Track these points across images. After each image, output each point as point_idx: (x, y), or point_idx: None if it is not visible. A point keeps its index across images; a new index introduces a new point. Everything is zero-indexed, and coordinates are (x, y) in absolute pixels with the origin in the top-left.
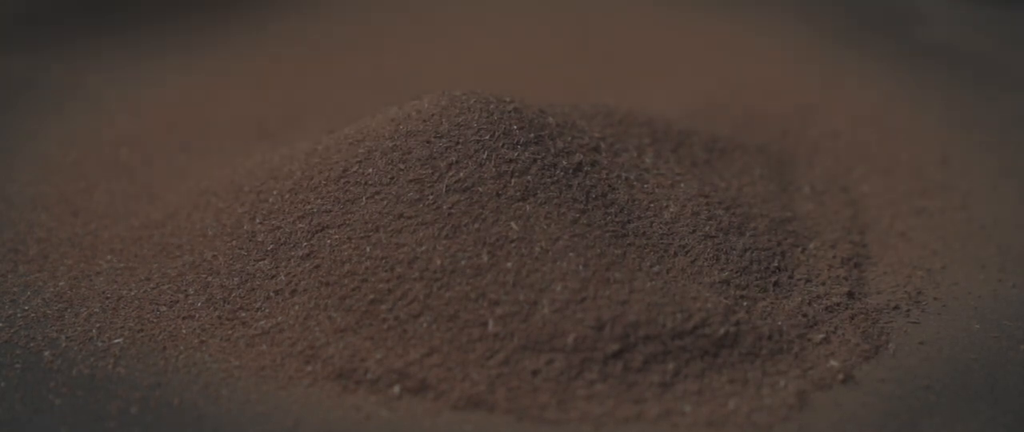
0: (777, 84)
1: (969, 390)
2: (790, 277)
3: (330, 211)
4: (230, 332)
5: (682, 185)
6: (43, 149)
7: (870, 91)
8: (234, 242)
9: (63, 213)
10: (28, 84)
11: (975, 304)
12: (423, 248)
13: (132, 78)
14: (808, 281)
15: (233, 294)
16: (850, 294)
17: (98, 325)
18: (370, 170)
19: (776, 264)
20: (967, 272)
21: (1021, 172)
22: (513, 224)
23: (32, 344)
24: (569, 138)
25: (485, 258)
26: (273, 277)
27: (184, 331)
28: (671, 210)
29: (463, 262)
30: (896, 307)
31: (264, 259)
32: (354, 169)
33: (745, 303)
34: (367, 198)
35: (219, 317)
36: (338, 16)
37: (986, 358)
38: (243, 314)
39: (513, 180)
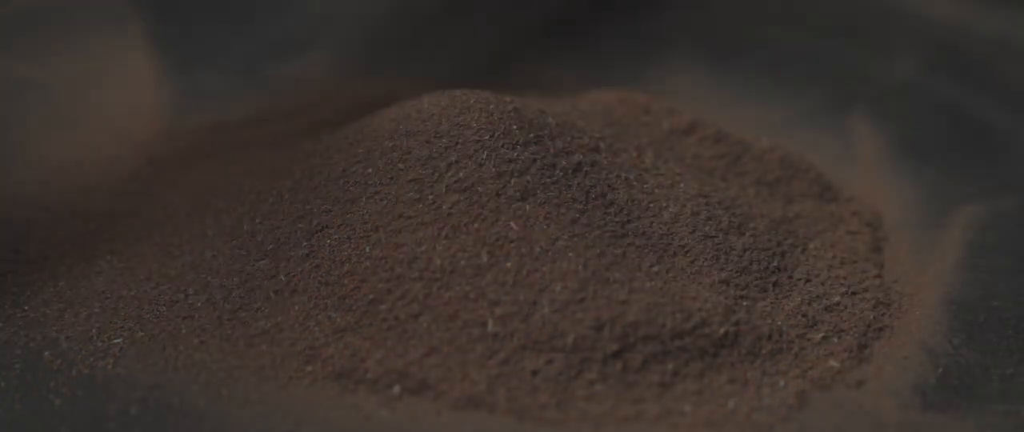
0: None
1: (970, 390)
2: (790, 277)
3: (330, 211)
4: (230, 332)
5: (682, 185)
6: (43, 149)
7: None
8: (234, 242)
9: (63, 213)
10: (28, 84)
11: (976, 303)
12: (423, 248)
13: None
14: (808, 281)
15: (233, 294)
16: (850, 294)
17: (98, 325)
18: (370, 170)
19: (776, 264)
20: (968, 272)
21: (1021, 172)
22: (513, 224)
23: (32, 344)
24: (569, 138)
25: (485, 258)
26: (273, 277)
27: (184, 331)
28: (671, 210)
29: (463, 262)
30: (896, 306)
31: (264, 259)
32: (354, 169)
33: (745, 303)
34: (367, 198)
35: (219, 317)
36: None
37: (987, 358)
38: (243, 314)
39: (513, 180)
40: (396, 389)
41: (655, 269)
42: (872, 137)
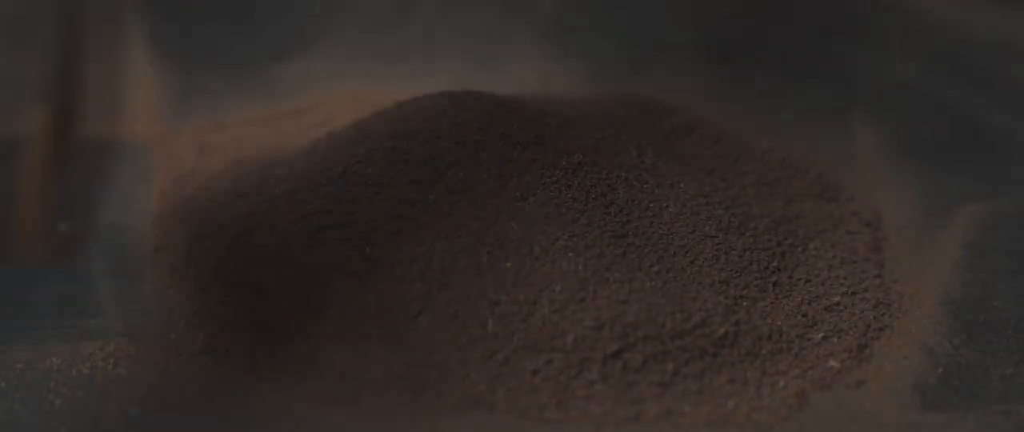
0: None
1: (970, 390)
2: (790, 277)
3: (330, 211)
4: (230, 333)
5: (682, 185)
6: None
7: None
8: None
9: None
10: (27, 83)
11: (976, 303)
12: (423, 248)
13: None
14: (808, 281)
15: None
16: (850, 294)
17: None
18: (370, 170)
19: (776, 264)
20: (968, 272)
21: (1020, 172)
22: (513, 224)
23: (32, 344)
24: (569, 138)
25: (485, 258)
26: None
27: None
28: (671, 210)
29: (463, 262)
30: (896, 306)
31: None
32: (354, 169)
33: (745, 303)
34: (367, 198)
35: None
36: None
37: (987, 358)
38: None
39: (513, 180)
40: (397, 389)
41: (655, 269)
42: (872, 137)
